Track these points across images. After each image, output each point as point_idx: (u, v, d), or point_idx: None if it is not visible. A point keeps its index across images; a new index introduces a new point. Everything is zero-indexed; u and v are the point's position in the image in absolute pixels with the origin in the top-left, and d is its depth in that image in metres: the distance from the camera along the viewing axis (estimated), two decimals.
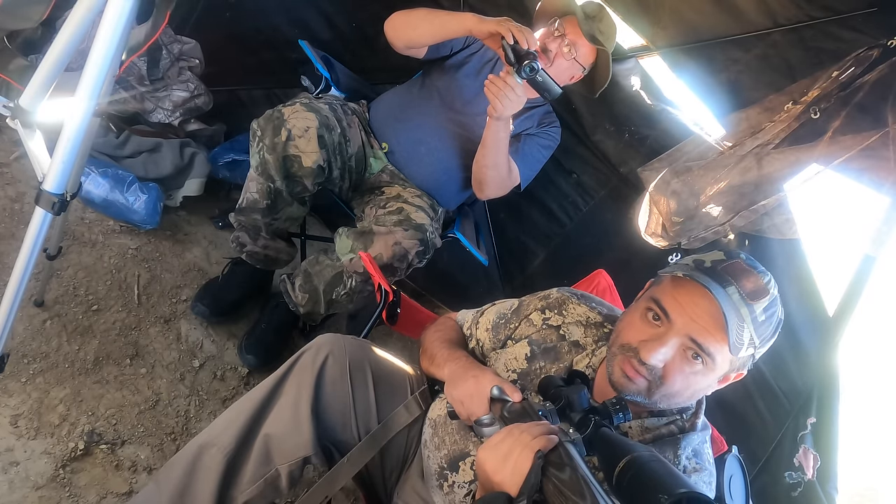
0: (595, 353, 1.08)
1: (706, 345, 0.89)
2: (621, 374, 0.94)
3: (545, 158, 1.91)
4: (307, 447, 1.05)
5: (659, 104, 2.07)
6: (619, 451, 0.71)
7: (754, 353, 0.93)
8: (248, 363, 1.79)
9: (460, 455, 1.05)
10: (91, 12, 0.94)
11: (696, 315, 0.89)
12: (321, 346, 1.13)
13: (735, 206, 1.70)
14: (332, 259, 1.68)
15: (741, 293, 0.88)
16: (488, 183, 1.75)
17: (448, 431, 1.09)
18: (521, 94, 1.48)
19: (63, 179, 0.98)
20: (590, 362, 1.07)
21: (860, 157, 1.43)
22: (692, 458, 0.97)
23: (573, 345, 1.10)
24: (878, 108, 1.41)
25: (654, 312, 0.93)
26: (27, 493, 1.28)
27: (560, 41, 1.70)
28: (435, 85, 1.83)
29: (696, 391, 0.95)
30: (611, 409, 0.81)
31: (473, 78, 1.82)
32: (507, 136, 1.63)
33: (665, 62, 1.93)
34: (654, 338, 0.91)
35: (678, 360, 0.91)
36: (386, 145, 1.82)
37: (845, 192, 1.50)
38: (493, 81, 1.47)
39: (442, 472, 1.07)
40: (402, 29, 1.69)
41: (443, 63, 1.84)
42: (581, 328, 1.13)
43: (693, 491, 0.63)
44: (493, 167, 1.69)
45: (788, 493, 1.41)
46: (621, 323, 1.00)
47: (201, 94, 2.07)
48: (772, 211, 1.63)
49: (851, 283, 1.48)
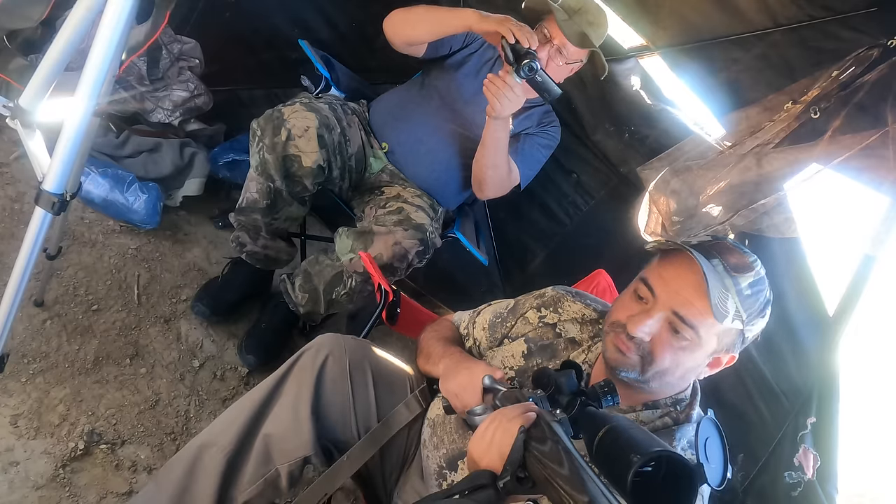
0: (591, 349, 1.09)
1: (689, 317, 0.91)
2: (614, 349, 0.96)
3: (545, 158, 1.90)
4: (307, 447, 1.06)
5: (659, 104, 2.07)
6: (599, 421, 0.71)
7: (743, 331, 0.94)
8: (248, 363, 1.78)
9: (459, 454, 1.05)
10: (91, 12, 0.94)
11: (679, 287, 0.92)
12: (321, 345, 1.13)
13: (735, 206, 1.70)
14: (332, 259, 1.68)
15: (725, 265, 0.91)
16: (488, 183, 1.74)
17: (447, 431, 1.09)
18: (520, 93, 1.47)
19: (63, 179, 0.97)
20: (586, 358, 1.08)
21: (860, 156, 1.43)
22: (687, 450, 0.98)
23: (569, 342, 1.11)
24: (877, 108, 1.41)
25: (642, 290, 0.96)
26: (27, 492, 1.28)
27: (548, 47, 1.67)
28: (434, 85, 1.83)
29: (686, 370, 0.97)
30: (599, 391, 0.81)
31: (473, 77, 1.81)
32: (507, 136, 1.62)
33: (665, 62, 1.93)
34: (639, 312, 0.94)
35: (665, 335, 0.93)
36: (386, 145, 1.82)
37: (845, 192, 1.50)
38: (492, 81, 1.47)
39: (441, 471, 1.07)
40: (400, 26, 1.69)
41: (442, 63, 1.83)
42: (577, 325, 1.13)
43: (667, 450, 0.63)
44: (493, 167, 1.68)
45: (788, 492, 1.40)
46: (614, 305, 1.02)
47: (201, 94, 2.07)
48: (771, 210, 1.63)
49: (851, 282, 1.48)
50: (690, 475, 0.64)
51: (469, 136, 1.78)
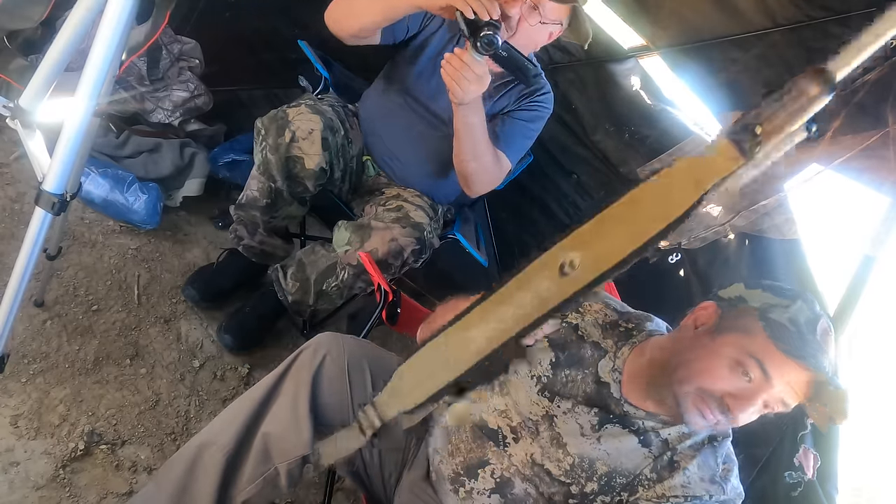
0: (617, 355, 1.08)
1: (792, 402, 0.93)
2: (696, 412, 0.94)
3: (534, 133, 1.68)
4: (306, 446, 1.05)
5: (659, 104, 2.07)
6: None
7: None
8: (225, 343, 1.77)
9: (479, 463, 1.06)
10: (91, 12, 0.94)
11: (793, 383, 0.91)
12: (319, 344, 1.13)
13: (735, 206, 1.70)
14: (328, 250, 1.67)
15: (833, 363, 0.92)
16: (473, 178, 1.56)
17: (462, 439, 1.09)
18: (482, 72, 1.28)
19: (63, 179, 0.97)
20: (614, 366, 1.07)
21: (860, 156, 1.43)
22: (726, 462, 1.02)
23: (594, 347, 1.10)
24: (878, 108, 1.40)
25: (753, 369, 0.92)
26: (27, 493, 1.28)
27: (520, 3, 1.44)
28: (396, 82, 1.68)
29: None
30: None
31: (433, 64, 1.59)
32: (482, 121, 1.44)
33: (665, 62, 1.93)
34: (744, 394, 0.92)
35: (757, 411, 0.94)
36: (369, 158, 1.79)
37: (845, 192, 1.50)
38: (449, 61, 1.28)
39: (458, 477, 1.07)
40: (343, 20, 1.48)
41: (404, 51, 1.66)
42: (598, 329, 1.13)
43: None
44: (474, 158, 1.51)
45: (789, 492, 1.40)
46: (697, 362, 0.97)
47: (201, 95, 2.08)
48: (772, 211, 1.63)
49: (851, 283, 1.48)
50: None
51: (444, 134, 1.61)
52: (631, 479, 1.00)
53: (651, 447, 1.01)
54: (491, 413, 1.09)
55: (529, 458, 1.04)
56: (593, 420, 1.04)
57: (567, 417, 1.05)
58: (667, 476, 0.99)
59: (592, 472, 1.01)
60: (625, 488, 1.00)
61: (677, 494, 0.97)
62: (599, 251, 0.58)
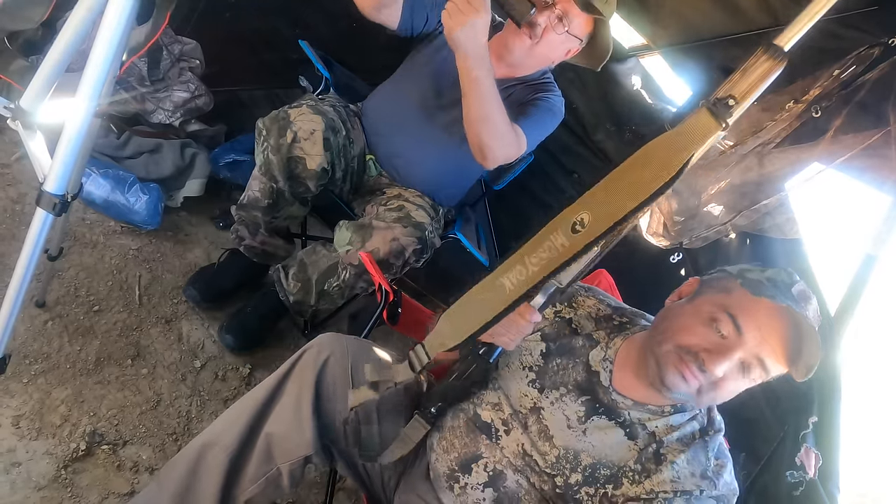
0: (609, 345, 1.08)
1: (769, 364, 0.92)
2: (677, 374, 0.94)
3: (552, 125, 1.66)
4: (308, 446, 1.05)
5: (660, 103, 2.07)
6: None
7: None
8: (226, 342, 1.78)
9: (472, 458, 1.06)
10: (91, 13, 0.94)
11: (769, 335, 0.91)
12: (322, 345, 1.13)
13: (737, 206, 1.70)
14: (330, 250, 1.68)
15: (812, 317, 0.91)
16: (486, 142, 1.44)
17: (457, 435, 1.09)
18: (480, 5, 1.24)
19: (64, 180, 0.98)
20: (606, 356, 1.07)
21: (862, 155, 1.43)
22: (718, 458, 1.00)
23: (586, 338, 1.11)
24: (879, 107, 1.40)
25: (725, 324, 0.93)
26: (29, 493, 1.28)
27: (549, 12, 1.49)
28: (408, 83, 1.72)
29: (735, 394, 0.97)
30: None
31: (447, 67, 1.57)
32: (489, 79, 1.36)
33: (666, 61, 1.93)
34: (719, 349, 0.92)
35: (735, 371, 0.93)
36: (371, 157, 1.79)
37: (847, 191, 1.50)
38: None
39: (452, 473, 1.07)
40: None
41: (417, 52, 1.71)
42: (591, 321, 1.13)
43: None
44: (484, 119, 1.40)
45: (790, 492, 1.40)
46: (675, 321, 0.99)
47: (202, 95, 2.08)
48: (773, 210, 1.63)
49: (853, 282, 1.48)
50: None
51: (453, 134, 1.63)
52: (615, 471, 0.99)
53: (637, 440, 1.01)
54: (484, 407, 1.09)
55: (520, 448, 1.05)
56: (580, 411, 1.04)
57: (554, 409, 1.05)
58: (653, 469, 0.98)
59: (577, 463, 1.01)
60: (609, 480, 0.99)
61: (667, 490, 0.96)
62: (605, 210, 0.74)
